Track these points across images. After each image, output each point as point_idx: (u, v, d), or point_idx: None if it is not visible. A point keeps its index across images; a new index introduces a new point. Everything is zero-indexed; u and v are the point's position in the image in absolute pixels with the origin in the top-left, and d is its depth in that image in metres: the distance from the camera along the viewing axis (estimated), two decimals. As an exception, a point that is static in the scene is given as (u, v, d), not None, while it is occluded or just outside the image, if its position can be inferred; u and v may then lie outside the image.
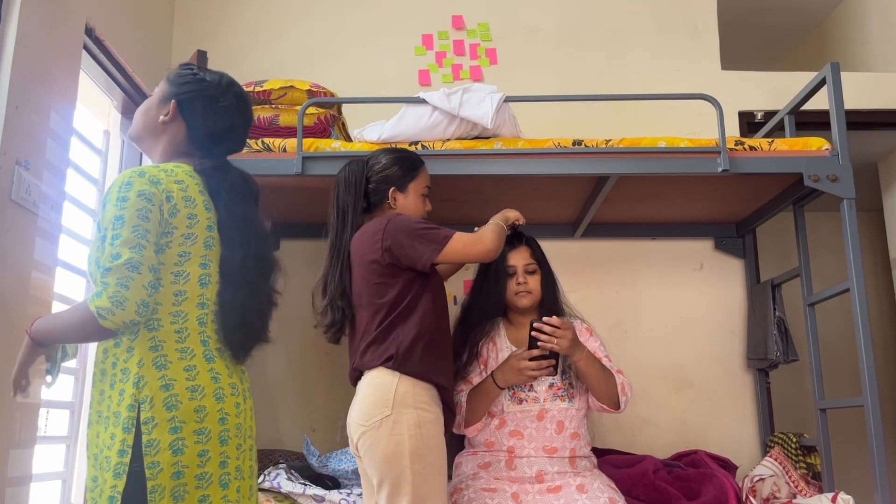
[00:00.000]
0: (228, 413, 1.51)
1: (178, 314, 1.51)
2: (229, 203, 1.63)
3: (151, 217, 1.50)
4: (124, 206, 1.49)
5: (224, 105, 1.70)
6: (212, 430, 1.47)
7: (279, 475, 2.32)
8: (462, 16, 3.46)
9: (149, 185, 1.52)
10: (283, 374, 3.12)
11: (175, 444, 1.42)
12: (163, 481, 1.40)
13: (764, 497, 2.39)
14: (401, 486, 1.88)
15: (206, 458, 1.45)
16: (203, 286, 1.55)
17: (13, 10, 2.18)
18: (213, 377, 1.51)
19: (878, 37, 3.87)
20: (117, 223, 1.47)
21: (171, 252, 1.53)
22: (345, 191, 2.19)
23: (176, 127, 1.68)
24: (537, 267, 2.39)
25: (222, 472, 1.48)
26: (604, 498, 2.07)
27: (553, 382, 2.28)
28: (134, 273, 1.43)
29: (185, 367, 1.49)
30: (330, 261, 2.17)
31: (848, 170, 2.44)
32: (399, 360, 1.96)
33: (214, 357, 1.54)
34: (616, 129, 2.93)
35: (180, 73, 1.73)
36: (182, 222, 1.54)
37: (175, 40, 3.41)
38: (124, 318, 1.41)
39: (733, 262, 3.20)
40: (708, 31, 3.47)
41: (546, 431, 2.24)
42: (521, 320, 2.41)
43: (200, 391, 1.48)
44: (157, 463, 1.41)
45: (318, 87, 2.61)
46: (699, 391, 3.10)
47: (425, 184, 2.24)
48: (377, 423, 1.92)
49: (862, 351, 2.33)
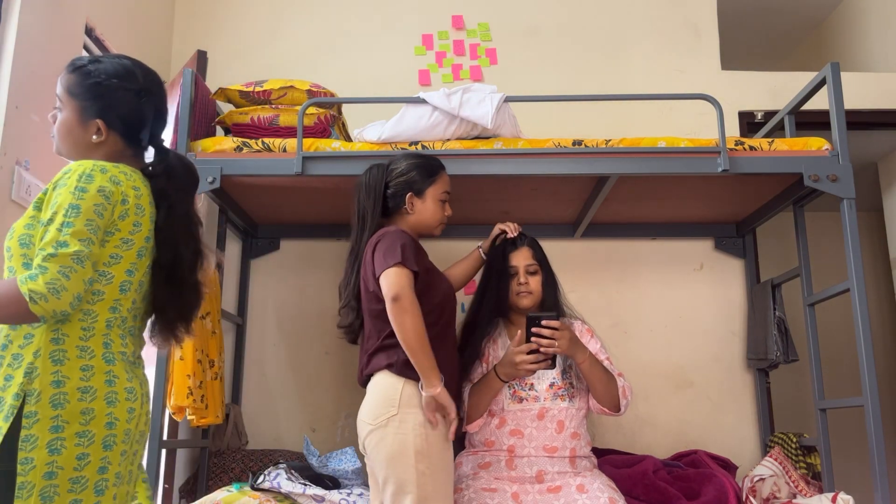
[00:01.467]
0: (118, 418, 1.46)
1: (88, 312, 1.47)
2: (174, 204, 1.60)
3: (105, 215, 1.47)
4: (82, 197, 1.45)
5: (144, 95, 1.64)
6: (96, 435, 1.42)
7: (279, 475, 2.32)
8: (462, 16, 3.46)
9: (110, 184, 1.49)
10: (283, 374, 3.12)
11: (53, 444, 1.37)
12: (33, 479, 1.35)
13: (764, 497, 2.39)
14: (405, 485, 1.89)
15: (85, 461, 1.40)
16: (122, 292, 1.52)
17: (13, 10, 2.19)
18: (108, 380, 1.47)
19: (878, 37, 3.87)
20: (71, 211, 1.43)
21: (104, 252, 1.49)
22: (365, 196, 2.20)
23: (111, 140, 1.62)
24: (538, 268, 2.39)
25: (99, 478, 1.42)
26: (604, 498, 2.07)
27: (554, 381, 2.28)
28: (78, 266, 1.40)
29: (81, 366, 1.44)
30: (350, 263, 2.19)
31: (848, 170, 2.44)
32: (400, 366, 1.99)
33: (115, 360, 1.49)
34: (616, 129, 2.93)
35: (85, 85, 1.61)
36: (126, 227, 1.52)
37: (175, 40, 3.41)
38: (56, 307, 1.37)
39: (733, 262, 3.20)
40: (708, 31, 3.47)
41: (546, 431, 2.24)
42: (521, 320, 2.41)
43: (92, 393, 1.43)
44: (30, 459, 1.35)
45: (318, 87, 2.61)
46: (699, 391, 3.10)
47: (444, 189, 2.24)
48: (384, 422, 1.94)
49: (862, 351, 2.33)
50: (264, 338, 3.15)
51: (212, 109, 2.74)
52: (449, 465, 1.99)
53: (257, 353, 3.14)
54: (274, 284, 3.19)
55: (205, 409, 2.51)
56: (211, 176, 2.44)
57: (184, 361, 2.44)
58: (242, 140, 2.53)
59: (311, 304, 3.15)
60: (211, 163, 2.46)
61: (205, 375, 2.54)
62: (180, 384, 2.42)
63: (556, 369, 2.26)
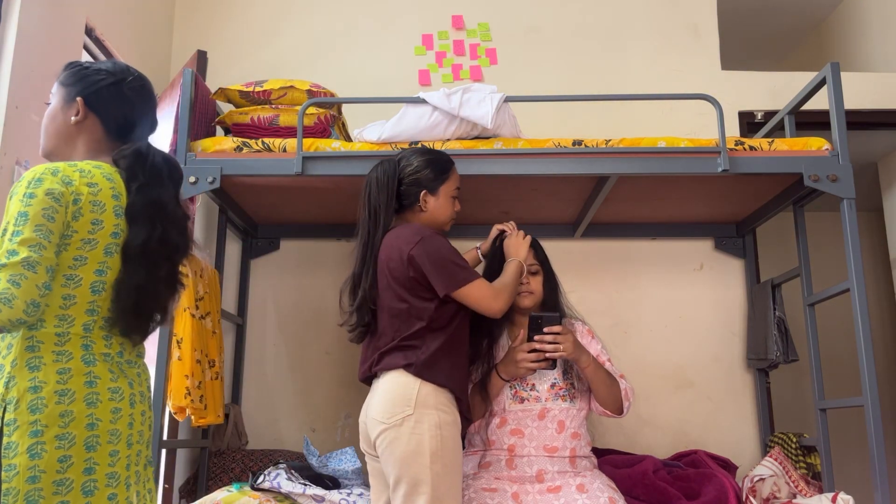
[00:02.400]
0: (100, 419, 1.46)
1: (63, 318, 1.48)
2: (143, 186, 1.58)
3: (57, 217, 1.46)
4: (30, 203, 1.45)
5: (129, 88, 1.65)
6: (77, 436, 1.43)
7: (279, 475, 2.32)
8: (462, 16, 3.46)
9: (59, 185, 1.48)
10: (283, 374, 3.12)
11: (33, 449, 1.39)
12: (17, 485, 1.37)
13: (764, 497, 2.39)
14: (419, 486, 1.89)
15: (68, 463, 1.41)
16: (95, 293, 1.51)
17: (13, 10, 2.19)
18: (88, 381, 1.47)
19: (878, 37, 3.87)
20: (20, 219, 1.43)
21: (66, 255, 1.48)
22: (377, 191, 2.16)
23: (90, 124, 1.63)
24: (540, 268, 2.40)
25: (87, 479, 1.43)
26: (604, 498, 2.07)
27: (555, 382, 2.28)
28: (29, 272, 1.40)
29: (58, 369, 1.45)
30: (362, 261, 2.13)
31: (848, 170, 2.44)
32: (419, 367, 1.98)
33: (96, 361, 1.49)
34: (616, 129, 2.93)
35: (72, 73, 1.66)
36: (84, 227, 1.50)
37: (175, 40, 3.41)
38: (10, 315, 1.38)
39: (733, 262, 3.20)
40: (708, 31, 3.47)
41: (547, 430, 2.24)
42: (522, 320, 2.42)
43: (70, 395, 1.44)
44: (13, 466, 1.38)
45: (318, 87, 2.61)
46: (699, 391, 3.10)
47: (455, 185, 2.24)
48: (399, 422, 1.93)
49: (862, 351, 2.33)
50: (264, 338, 3.15)
51: (212, 109, 2.74)
52: (460, 466, 1.99)
53: (257, 353, 3.14)
54: (274, 284, 3.19)
55: (204, 409, 2.51)
56: (211, 176, 2.44)
57: (182, 362, 2.44)
58: (242, 140, 2.53)
59: (311, 304, 3.15)
60: (211, 163, 2.46)
61: (204, 376, 2.54)
62: (178, 384, 2.42)
63: (557, 370, 2.27)
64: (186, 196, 2.44)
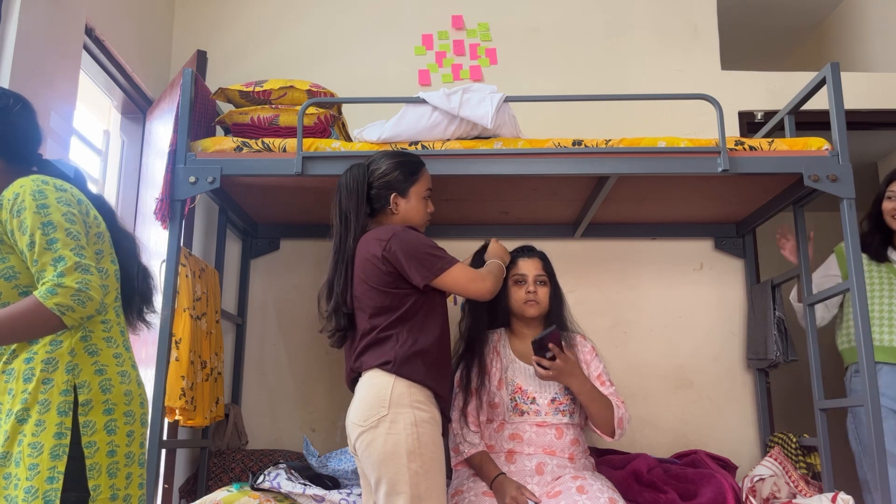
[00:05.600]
0: (144, 400, 1.67)
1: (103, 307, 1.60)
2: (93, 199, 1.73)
3: (77, 220, 1.57)
4: (48, 212, 1.53)
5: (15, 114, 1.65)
6: (135, 413, 1.61)
7: (279, 475, 2.32)
8: (462, 16, 3.46)
9: (61, 192, 1.58)
10: (283, 374, 3.12)
11: (109, 425, 1.55)
12: (99, 460, 1.51)
13: (764, 497, 2.39)
14: (398, 485, 1.88)
15: (133, 438, 1.60)
16: (118, 280, 1.68)
17: (13, 10, 2.18)
18: (133, 364, 1.67)
19: (878, 37, 3.87)
20: (49, 228, 1.52)
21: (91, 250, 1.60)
22: (347, 196, 2.16)
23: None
24: (547, 279, 2.41)
25: (141, 452, 1.62)
26: (604, 498, 2.08)
27: (556, 397, 2.30)
28: (87, 274, 1.51)
29: (113, 353, 1.61)
30: (335, 266, 2.14)
31: (848, 170, 2.44)
32: (396, 364, 1.96)
33: (130, 347, 1.69)
34: (616, 129, 2.93)
35: None
36: (93, 222, 1.64)
37: (175, 40, 3.41)
38: (84, 314, 1.50)
39: (733, 262, 3.21)
40: (708, 31, 3.47)
41: (546, 436, 2.25)
42: (524, 331, 2.44)
43: (127, 377, 1.62)
44: (93, 443, 1.51)
45: (318, 87, 2.61)
46: (699, 391, 3.10)
47: (426, 186, 2.23)
48: (374, 423, 1.92)
49: (862, 351, 2.33)
50: (264, 338, 3.15)
51: (212, 109, 2.74)
52: (441, 464, 1.97)
53: (257, 353, 3.13)
54: (274, 284, 3.19)
55: (192, 410, 2.50)
56: (211, 176, 2.44)
57: (179, 363, 2.44)
58: (242, 140, 2.53)
59: (311, 304, 3.11)
60: (211, 163, 2.46)
61: (196, 377, 2.53)
62: (174, 385, 2.41)
63: (558, 385, 2.30)
64: (187, 196, 2.44)
